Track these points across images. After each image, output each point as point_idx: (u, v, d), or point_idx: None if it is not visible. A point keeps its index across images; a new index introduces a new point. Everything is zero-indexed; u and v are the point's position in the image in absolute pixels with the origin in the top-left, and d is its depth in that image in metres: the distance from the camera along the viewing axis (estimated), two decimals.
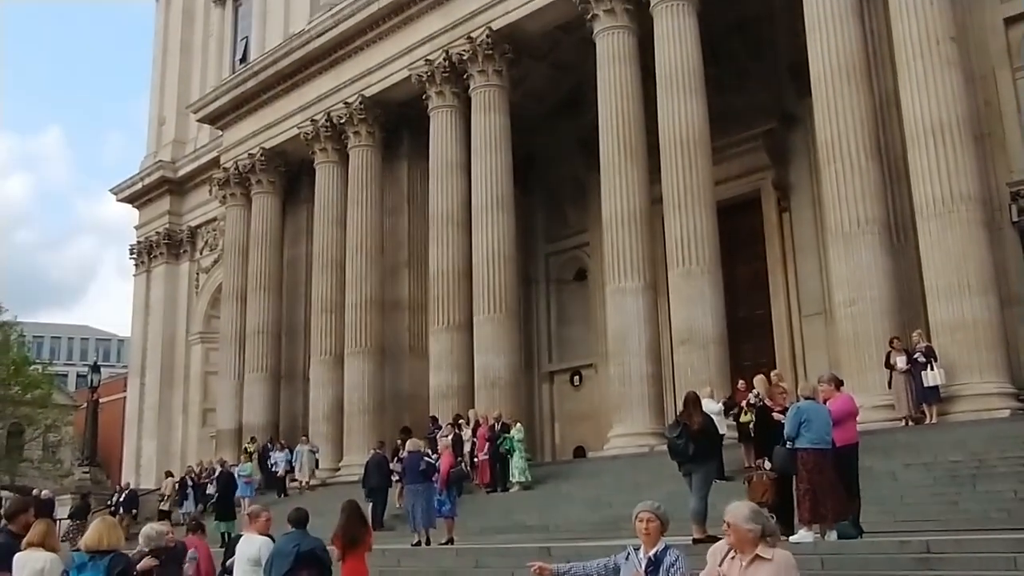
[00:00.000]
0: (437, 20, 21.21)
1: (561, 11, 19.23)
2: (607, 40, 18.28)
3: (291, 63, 24.44)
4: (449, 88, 20.98)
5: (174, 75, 34.18)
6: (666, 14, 17.45)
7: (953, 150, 14.10)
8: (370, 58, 22.79)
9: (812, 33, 15.67)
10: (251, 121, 26.12)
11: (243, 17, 32.76)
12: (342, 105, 23.09)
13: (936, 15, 14.55)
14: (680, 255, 16.46)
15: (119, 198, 34.24)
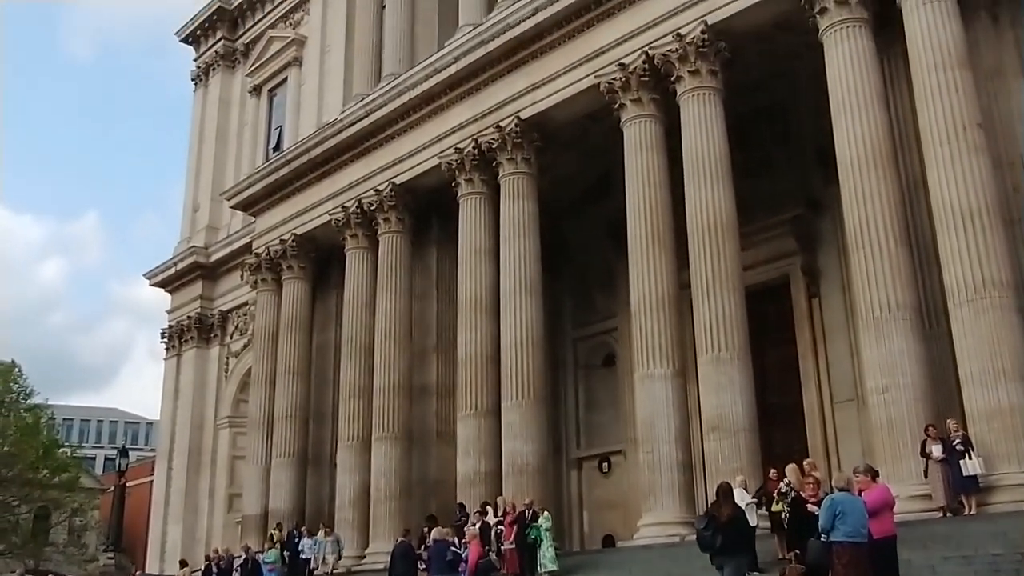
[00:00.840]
0: (467, 110, 21.60)
1: (588, 101, 19.52)
2: (634, 129, 18.50)
3: (323, 151, 24.88)
4: (478, 175, 21.25)
5: (209, 162, 34.89)
6: (692, 103, 17.68)
7: (983, 235, 14.02)
8: (401, 146, 23.17)
9: (837, 119, 15.80)
10: (283, 208, 26.50)
11: (278, 106, 33.53)
12: (373, 192, 23.41)
13: (962, 101, 14.62)
14: (709, 341, 16.37)
15: (152, 283, 34.68)
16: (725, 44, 17.69)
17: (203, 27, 36.43)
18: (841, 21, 15.95)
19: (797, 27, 16.97)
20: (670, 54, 17.85)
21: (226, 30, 35.89)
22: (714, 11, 17.49)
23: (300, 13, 32.86)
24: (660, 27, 18.15)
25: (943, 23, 14.96)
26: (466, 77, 21.53)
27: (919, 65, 14.97)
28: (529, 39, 20.27)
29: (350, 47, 28.09)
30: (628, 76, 18.43)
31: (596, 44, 19.19)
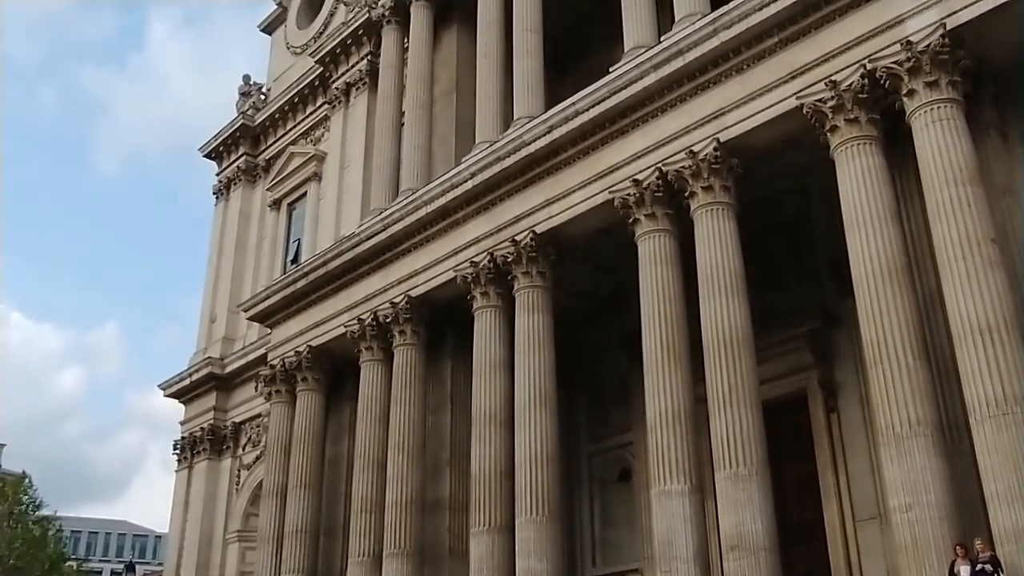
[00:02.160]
0: (482, 224, 21.85)
1: (603, 216, 19.73)
2: (649, 243, 18.64)
3: (340, 264, 25.11)
4: (493, 289, 21.36)
5: (227, 274, 35.26)
6: (706, 218, 17.84)
7: (1003, 351, 13.88)
8: (417, 260, 23.38)
9: (851, 234, 15.87)
10: (299, 320, 26.62)
11: (296, 220, 34.08)
12: (388, 305, 23.52)
13: (975, 217, 14.67)
14: (727, 457, 16.12)
15: (166, 393, 34.67)
16: (737, 161, 17.95)
17: (226, 143, 37.32)
18: (851, 139, 16.18)
19: (808, 144, 17.20)
20: (683, 171, 18.11)
21: (248, 146, 36.74)
22: (726, 129, 17.81)
23: (321, 130, 33.69)
24: (673, 144, 18.46)
25: (953, 141, 15.13)
26: (482, 192, 21.86)
27: (931, 182, 15.10)
28: (544, 156, 20.65)
29: (368, 163, 28.68)
30: (642, 192, 18.67)
31: (610, 161, 19.52)
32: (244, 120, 36.52)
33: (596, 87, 19.84)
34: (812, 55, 16.83)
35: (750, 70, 17.69)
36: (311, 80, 33.93)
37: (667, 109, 18.77)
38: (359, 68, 31.47)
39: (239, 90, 38.39)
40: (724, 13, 17.90)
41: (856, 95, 16.08)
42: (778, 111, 17.23)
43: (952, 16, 15.25)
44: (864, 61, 16.08)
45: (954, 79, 15.41)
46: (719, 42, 17.83)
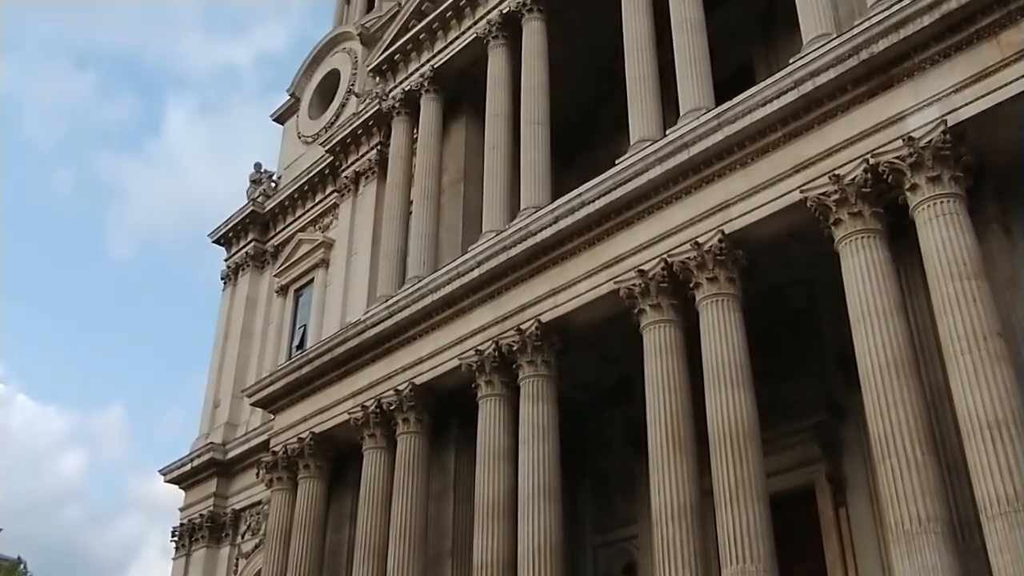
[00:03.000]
0: (488, 312, 21.89)
1: (609, 306, 19.77)
2: (654, 334, 18.63)
3: (346, 351, 25.10)
4: (498, 377, 21.29)
5: (233, 359, 35.22)
6: (711, 309, 17.86)
7: (1012, 447, 13.71)
8: (422, 347, 23.37)
9: (857, 328, 15.84)
10: (303, 406, 26.49)
11: (303, 306, 34.19)
12: (393, 392, 23.43)
13: (981, 311, 14.65)
14: (734, 553, 15.81)
15: (167, 479, 34.30)
16: (742, 253, 18.05)
17: (235, 229, 37.66)
18: (855, 232, 16.27)
19: (812, 237, 17.30)
20: (688, 262, 18.20)
21: (257, 232, 37.05)
22: (730, 221, 17.96)
23: (329, 218, 34.02)
24: (678, 236, 18.59)
25: (957, 235, 15.20)
26: (488, 281, 21.96)
27: (935, 275, 15.13)
28: (550, 246, 20.79)
29: (376, 250, 28.88)
30: (647, 282, 18.74)
31: (615, 251, 19.64)
32: (254, 207, 36.92)
33: (602, 179, 20.08)
34: (815, 149, 17.05)
35: (754, 163, 17.92)
36: (321, 169, 34.41)
37: (672, 201, 18.96)
38: (369, 158, 31.95)
39: (250, 177, 38.89)
40: (728, 108, 18.20)
41: (859, 189, 16.24)
42: (782, 204, 17.39)
43: (953, 113, 15.48)
44: (867, 156, 16.27)
45: (956, 174, 15.56)
46: (723, 136, 18.10)
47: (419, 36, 28.44)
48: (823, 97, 16.97)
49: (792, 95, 17.22)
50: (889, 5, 16.62)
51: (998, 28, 15.27)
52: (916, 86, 16.07)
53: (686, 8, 21.12)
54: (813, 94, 17.00)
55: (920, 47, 15.98)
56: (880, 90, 16.47)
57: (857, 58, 16.48)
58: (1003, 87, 15.09)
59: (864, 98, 16.63)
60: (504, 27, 26.07)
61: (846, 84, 16.72)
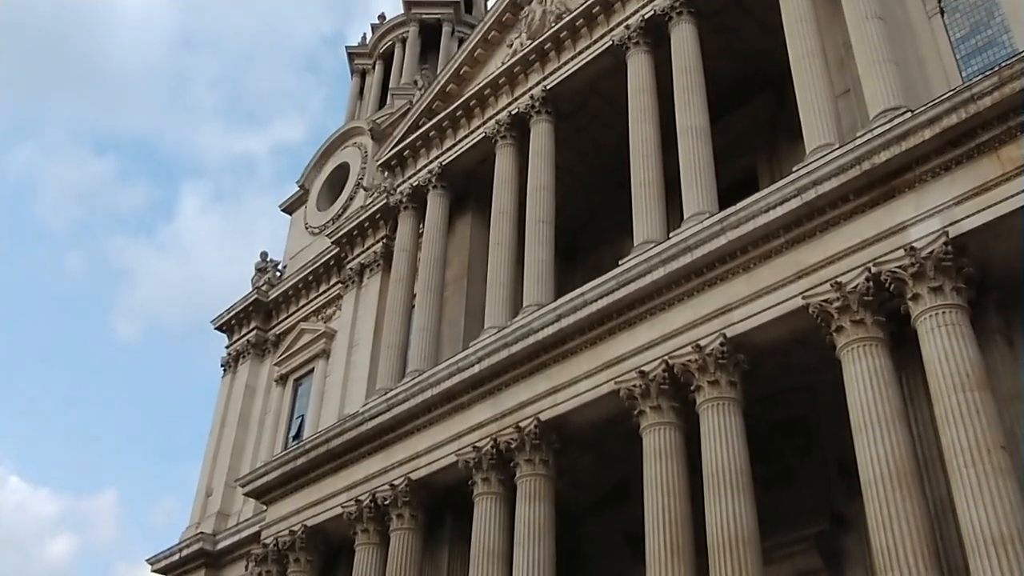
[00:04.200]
0: (488, 409, 21.73)
1: (609, 406, 19.64)
2: (653, 436, 18.46)
3: (342, 443, 24.85)
4: (495, 475, 21.03)
5: (228, 447, 34.84)
6: (712, 412, 17.72)
7: (1018, 563, 13.41)
8: (420, 442, 23.14)
9: (859, 437, 15.67)
10: (296, 498, 26.11)
11: (302, 396, 33.99)
12: (388, 487, 23.12)
13: (984, 424, 14.50)
14: None
15: (154, 568, 33.56)
16: (744, 357, 18.00)
17: (238, 317, 37.68)
18: (857, 340, 16.24)
19: (815, 343, 17.28)
20: (690, 364, 18.14)
21: (260, 321, 37.07)
22: (732, 325, 17.95)
23: (332, 309, 34.09)
24: (680, 338, 18.57)
25: (960, 346, 15.15)
26: (488, 377, 21.87)
27: (938, 386, 15.03)
28: (551, 344, 20.76)
29: (377, 343, 28.84)
30: (648, 384, 18.65)
31: (617, 351, 19.60)
32: (258, 295, 37.04)
33: (605, 279, 20.16)
34: (818, 256, 17.15)
35: (757, 268, 18.00)
36: (326, 260, 34.62)
37: (674, 303, 19.00)
38: (374, 250, 32.17)
39: (255, 266, 39.11)
40: (732, 213, 18.38)
41: (861, 297, 16.27)
42: (784, 309, 17.41)
43: (954, 225, 15.60)
44: (869, 264, 16.35)
45: (958, 285, 15.59)
46: (726, 240, 18.23)
47: (429, 133, 28.94)
48: (825, 205, 17.15)
49: (795, 202, 17.41)
50: (891, 118, 16.93)
51: (998, 143, 15.52)
52: (918, 197, 16.24)
53: (692, 115, 21.52)
54: (816, 202, 17.19)
55: (921, 159, 16.21)
56: (882, 200, 16.65)
57: (859, 168, 16.70)
58: (1004, 201, 15.24)
59: (866, 207, 16.80)
60: (512, 127, 26.53)
61: (848, 193, 16.92)
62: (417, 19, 48.16)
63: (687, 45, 22.59)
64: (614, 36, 24.35)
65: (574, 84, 25.67)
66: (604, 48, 24.69)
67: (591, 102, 26.16)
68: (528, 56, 26.39)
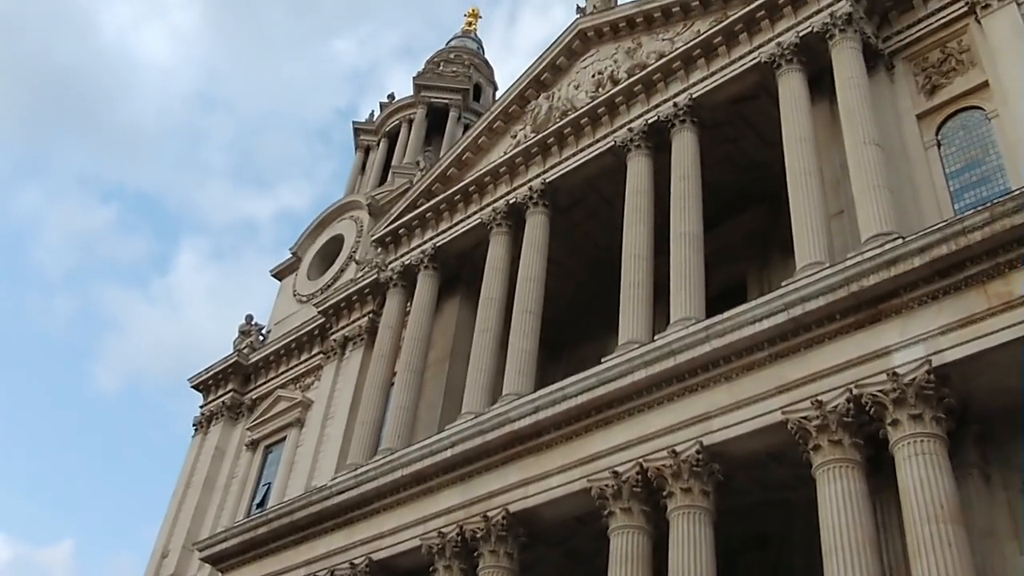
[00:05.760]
0: (456, 495, 21.41)
1: (579, 503, 19.37)
2: (622, 539, 18.17)
3: (307, 516, 24.40)
4: (458, 564, 20.63)
5: (190, 509, 34.24)
6: (683, 520, 17.48)
7: None
8: (385, 522, 22.74)
9: (829, 558, 15.34)
10: (253, 568, 25.55)
11: (271, 463, 33.54)
12: (348, 566, 22.68)
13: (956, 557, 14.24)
14: None
15: None
16: (719, 467, 17.83)
17: (216, 378, 37.41)
18: (834, 460, 16.11)
19: (792, 459, 17.12)
20: (664, 469, 17.96)
21: (237, 383, 36.81)
22: (710, 433, 17.81)
23: (311, 378, 33.90)
24: (656, 442, 18.40)
25: (935, 476, 15.00)
26: (460, 463, 21.58)
27: (912, 516, 14.84)
28: (527, 435, 20.54)
29: (353, 417, 28.62)
30: (620, 485, 18.43)
31: (592, 449, 19.39)
32: (239, 358, 36.83)
33: (586, 375, 20.09)
34: (800, 373, 17.11)
35: (738, 379, 17.94)
36: (311, 329, 34.56)
37: (653, 406, 18.87)
38: (359, 324, 32.14)
39: (239, 328, 39.01)
40: (718, 322, 18.42)
41: (841, 417, 16.20)
42: (763, 423, 17.30)
43: (938, 354, 15.61)
44: (851, 386, 16.30)
45: (938, 415, 15.54)
46: (710, 348, 18.21)
47: (426, 214, 29.15)
48: (811, 323, 17.19)
49: (782, 317, 17.45)
50: (882, 243, 17.13)
51: (986, 277, 15.63)
52: (904, 323, 16.30)
53: (686, 222, 21.74)
54: (802, 319, 17.23)
55: (909, 286, 16.31)
56: (868, 323, 16.69)
57: (847, 289, 16.79)
58: (989, 335, 15.28)
59: (852, 328, 16.83)
60: (509, 216, 26.75)
61: (835, 313, 16.96)
62: (426, 102, 48.97)
63: (687, 152, 22.96)
64: (617, 137, 24.74)
65: (573, 179, 25.99)
66: (606, 148, 25.06)
67: (588, 198, 26.46)
68: (531, 148, 26.76)
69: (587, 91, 26.45)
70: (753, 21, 22.94)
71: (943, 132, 20.71)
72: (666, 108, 23.83)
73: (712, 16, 24.38)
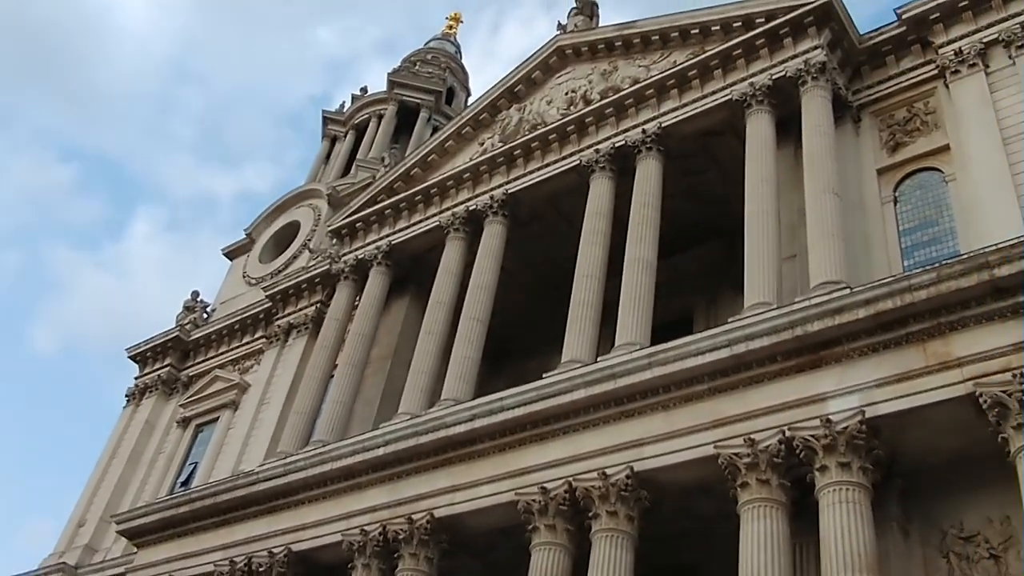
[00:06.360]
0: (384, 494, 21.29)
1: (505, 515, 19.30)
2: (543, 555, 18.16)
3: (230, 499, 24.13)
4: (377, 564, 20.53)
5: (112, 481, 33.68)
6: (605, 543, 17.53)
7: None
8: (308, 514, 22.57)
9: None
10: (170, 546, 25.24)
11: (200, 443, 33.12)
12: (266, 554, 22.46)
13: None
14: None
15: None
16: (647, 493, 17.91)
17: (155, 351, 36.87)
18: (760, 500, 16.25)
19: (719, 493, 17.22)
20: (592, 490, 18.01)
21: (175, 359, 36.31)
22: (642, 459, 17.89)
23: (251, 362, 33.54)
24: (588, 462, 18.44)
25: (856, 526, 15.12)
26: (391, 463, 21.49)
27: (830, 562, 14.91)
28: (460, 442, 20.50)
29: (288, 405, 28.37)
30: (548, 501, 18.46)
31: (524, 463, 19.39)
32: (180, 333, 36.34)
33: (526, 388, 20.11)
34: (736, 409, 17.25)
35: (676, 409, 18.04)
36: (257, 312, 34.22)
37: (589, 427, 18.93)
38: (306, 313, 31.92)
39: (184, 303, 38.53)
40: (662, 350, 18.53)
41: (771, 457, 16.36)
42: (696, 455, 17.41)
43: (872, 406, 15.84)
44: (784, 427, 16.47)
45: (866, 465, 15.75)
46: (652, 375, 18.31)
47: (385, 211, 29.02)
48: (753, 361, 17.35)
49: (724, 352, 17.60)
50: (830, 291, 17.37)
51: (927, 336, 15.90)
52: (842, 371, 16.52)
53: (642, 248, 21.87)
54: (744, 356, 17.39)
55: (852, 336, 16.53)
56: (808, 367, 16.89)
57: (791, 332, 16.98)
58: (923, 392, 15.54)
59: (791, 371, 17.02)
60: (467, 222, 26.73)
61: (777, 354, 17.15)
62: (398, 99, 48.85)
63: (651, 179, 23.12)
64: (583, 156, 24.84)
65: (536, 193, 26.05)
66: (571, 166, 25.15)
67: (548, 214, 26.53)
68: (496, 157, 26.79)
69: (559, 108, 26.54)
70: (729, 59, 23.21)
71: (901, 189, 21.10)
72: (635, 134, 23.99)
73: (690, 49, 24.59)
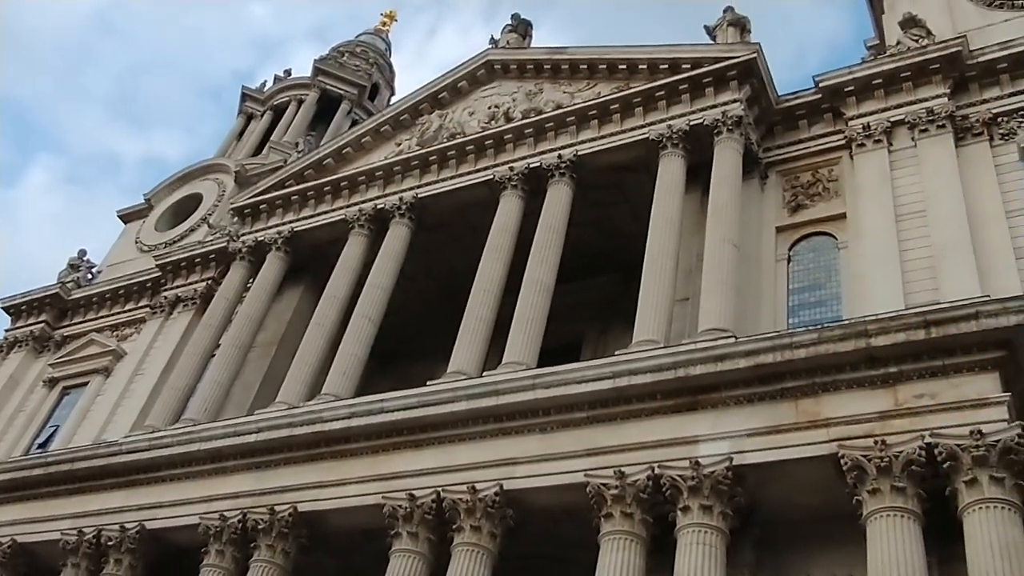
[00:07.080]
0: (249, 481, 20.81)
1: (370, 517, 19.09)
2: (401, 562, 18.04)
3: (88, 468, 23.41)
4: (231, 552, 20.14)
5: None
6: (465, 557, 17.53)
7: None
8: (168, 492, 22.02)
9: None
10: (17, 508, 24.40)
11: (65, 406, 31.95)
12: (118, 528, 21.82)
13: None
14: None
15: None
16: (513, 512, 18.00)
17: (31, 305, 35.48)
18: (622, 532, 16.46)
19: (583, 521, 17.31)
20: (459, 503, 18.00)
21: (52, 316, 35.03)
22: (513, 479, 17.96)
23: (132, 330, 32.58)
24: (459, 475, 18.44)
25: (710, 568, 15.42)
26: (261, 451, 21.14)
27: None
28: (335, 439, 20.30)
29: (164, 379, 27.68)
30: (414, 508, 18.39)
31: (396, 467, 19.32)
32: (60, 291, 35.09)
33: (409, 394, 20.08)
34: (611, 440, 17.49)
35: (553, 432, 18.21)
36: (144, 280, 33.29)
37: (466, 439, 18.96)
38: (196, 288, 31.20)
39: (69, 260, 37.25)
40: (547, 373, 18.71)
41: (638, 492, 16.61)
42: (566, 480, 17.56)
43: (740, 454, 16.25)
44: (654, 464, 16.72)
45: (727, 511, 16.12)
46: (534, 397, 18.45)
47: (291, 196, 28.63)
48: (633, 396, 17.64)
49: (607, 383, 17.86)
50: (716, 338, 17.83)
51: (800, 394, 16.42)
52: (716, 417, 16.93)
53: (541, 270, 22.07)
54: (625, 390, 17.68)
55: (730, 384, 16.97)
56: (685, 409, 17.26)
57: (673, 373, 17.35)
58: (790, 447, 16.03)
59: (669, 411, 17.36)
60: (373, 220, 26.57)
61: (657, 392, 17.48)
62: (321, 87, 48.30)
63: (559, 204, 23.38)
64: (496, 172, 24.97)
65: (445, 201, 26.06)
66: (484, 179, 25.25)
67: (455, 223, 26.55)
68: (411, 160, 26.72)
69: (480, 120, 26.64)
70: (651, 98, 23.67)
71: (796, 249, 21.80)
72: (550, 157, 24.23)
73: (615, 82, 24.99)
